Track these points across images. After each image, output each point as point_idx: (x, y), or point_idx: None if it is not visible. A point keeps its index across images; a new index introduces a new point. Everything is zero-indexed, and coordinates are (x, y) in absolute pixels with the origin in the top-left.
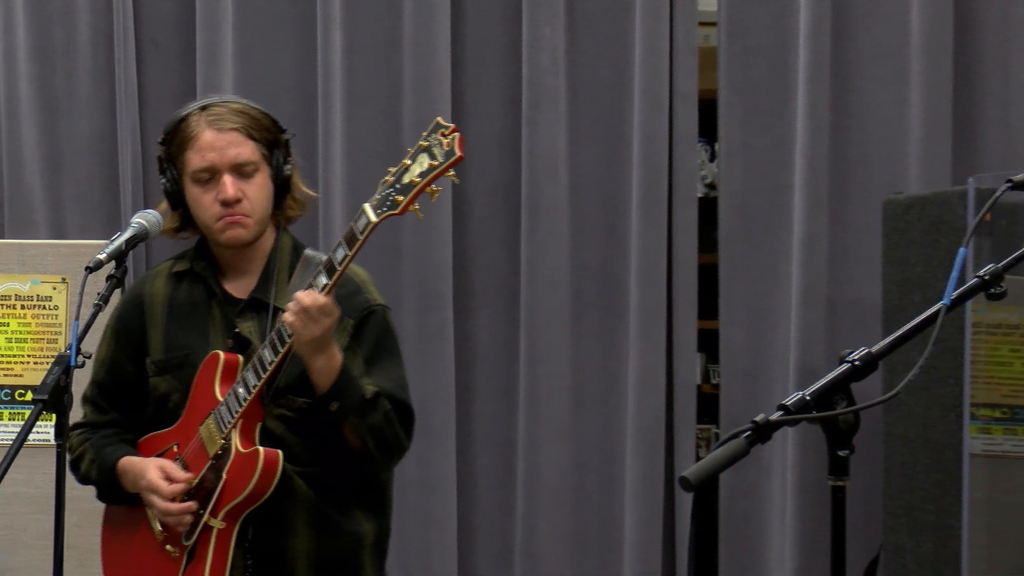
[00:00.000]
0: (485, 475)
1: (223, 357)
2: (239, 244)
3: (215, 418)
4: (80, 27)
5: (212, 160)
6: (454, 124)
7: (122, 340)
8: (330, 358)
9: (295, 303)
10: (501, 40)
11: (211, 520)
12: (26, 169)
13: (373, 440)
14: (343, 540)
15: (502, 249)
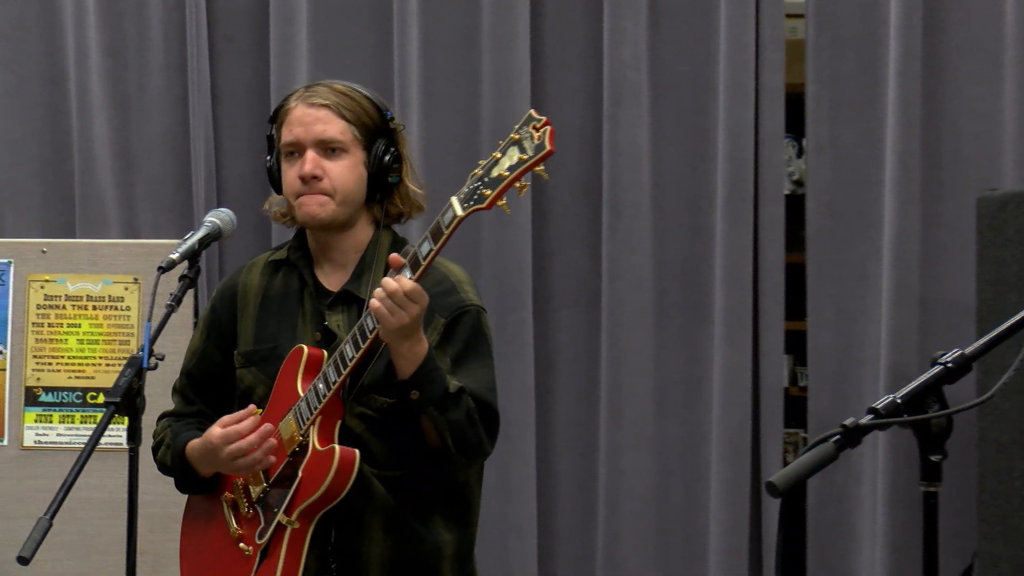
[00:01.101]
0: (566, 480)
1: (307, 351)
2: (315, 224)
3: (295, 414)
4: (152, 23)
5: (298, 134)
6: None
7: (213, 331)
8: (415, 344)
9: (380, 289)
10: (582, 34)
11: (285, 519)
12: (98, 167)
13: (452, 437)
14: (421, 549)
15: (583, 248)
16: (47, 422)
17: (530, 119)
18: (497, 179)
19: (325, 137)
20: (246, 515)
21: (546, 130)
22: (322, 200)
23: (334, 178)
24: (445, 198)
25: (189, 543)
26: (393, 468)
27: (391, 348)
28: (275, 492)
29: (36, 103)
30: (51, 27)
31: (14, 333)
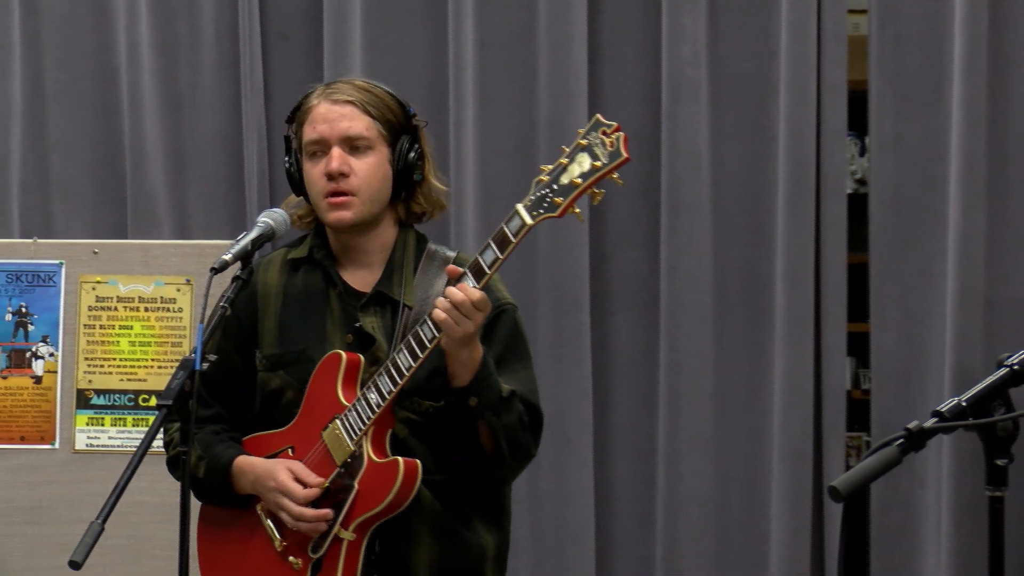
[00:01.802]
0: (624, 486)
1: (345, 357)
2: (343, 226)
3: (343, 424)
4: (205, 21)
5: (322, 132)
6: (616, 123)
7: (230, 331)
8: (473, 350)
9: (444, 300)
10: (640, 31)
11: (341, 531)
12: (149, 167)
13: (507, 442)
14: (467, 552)
15: (641, 249)
16: (98, 425)
17: (598, 124)
18: (569, 186)
19: (351, 134)
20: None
21: (619, 136)
22: (351, 201)
23: (361, 175)
24: (501, 199)
25: (216, 556)
26: (437, 472)
27: (449, 355)
28: (325, 504)
29: (87, 102)
30: (102, 25)
31: (65, 335)
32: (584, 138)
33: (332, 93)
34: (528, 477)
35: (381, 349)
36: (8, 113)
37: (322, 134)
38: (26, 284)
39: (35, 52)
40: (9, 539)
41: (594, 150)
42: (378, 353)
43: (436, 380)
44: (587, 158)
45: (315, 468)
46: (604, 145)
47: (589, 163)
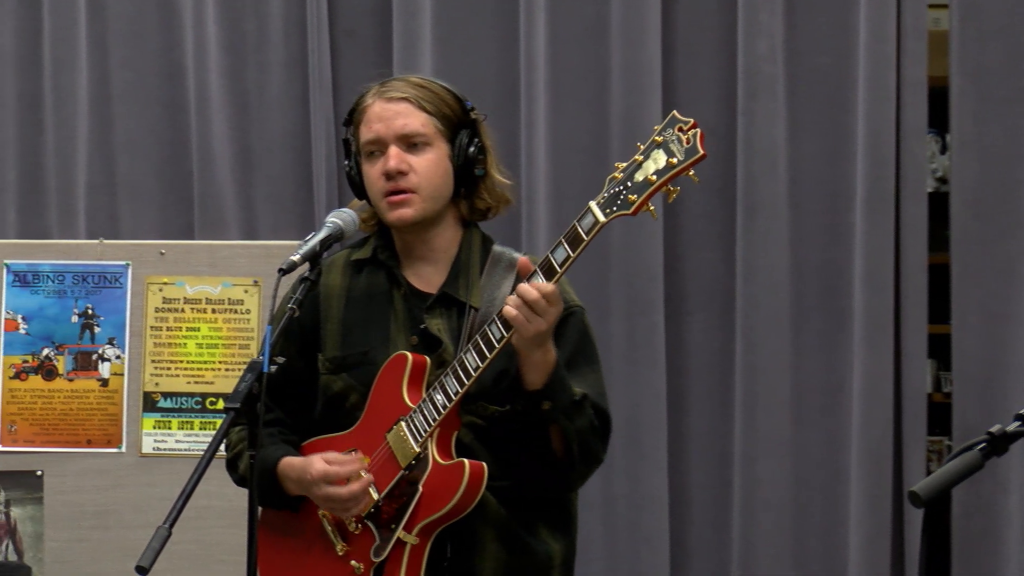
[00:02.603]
0: (699, 491)
1: (411, 359)
2: (404, 224)
3: (408, 426)
4: (272, 18)
5: (379, 131)
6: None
7: (293, 335)
8: (546, 352)
9: (515, 297)
10: (715, 27)
11: (404, 535)
12: (217, 167)
13: (579, 446)
14: (533, 560)
15: (716, 249)
16: (165, 428)
17: (674, 120)
18: (644, 184)
19: (407, 131)
20: (354, 531)
21: (695, 132)
22: (411, 199)
23: (420, 172)
24: (572, 198)
25: (277, 560)
26: (502, 478)
27: (522, 357)
28: (388, 507)
29: (154, 101)
30: (169, 23)
31: (132, 337)
32: (660, 134)
33: (386, 91)
34: (601, 482)
35: (448, 351)
36: (74, 112)
37: (378, 133)
38: (92, 286)
39: (101, 51)
40: (76, 544)
41: (670, 146)
42: (444, 355)
43: (502, 384)
44: (663, 155)
45: (379, 471)
46: (680, 142)
47: (665, 160)
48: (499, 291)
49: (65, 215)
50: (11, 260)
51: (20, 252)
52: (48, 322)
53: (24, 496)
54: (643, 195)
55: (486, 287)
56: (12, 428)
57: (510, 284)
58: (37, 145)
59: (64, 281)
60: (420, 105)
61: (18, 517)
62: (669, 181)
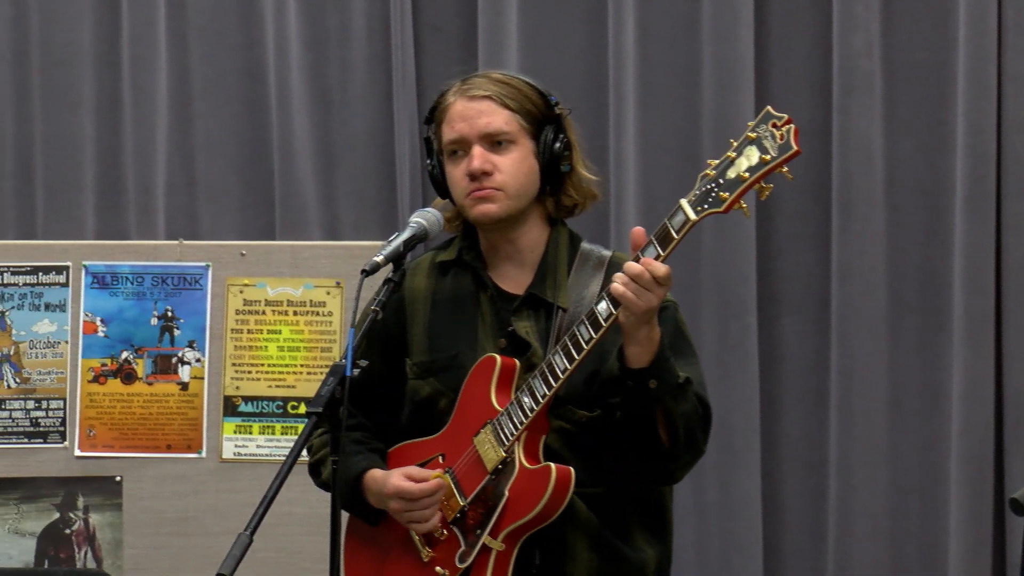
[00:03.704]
0: (793, 497)
1: (500, 361)
2: (489, 221)
3: (494, 429)
4: (355, 14)
5: (461, 130)
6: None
7: (376, 339)
8: (652, 329)
9: (622, 275)
10: (809, 21)
11: (490, 541)
12: (298, 166)
13: (684, 431)
14: (626, 567)
15: (811, 250)
16: (247, 433)
17: (768, 116)
18: (735, 181)
19: (491, 130)
20: (439, 537)
21: (789, 128)
22: (495, 195)
23: (505, 171)
24: (663, 197)
25: (361, 565)
26: (592, 484)
27: (627, 334)
28: (474, 512)
29: (234, 98)
30: (250, 19)
31: (212, 340)
32: (753, 131)
33: (468, 89)
34: (693, 488)
35: (536, 354)
36: (153, 110)
37: (461, 132)
38: (172, 287)
39: (181, 48)
40: (156, 551)
41: (763, 143)
42: (533, 359)
43: (592, 386)
44: (755, 151)
45: (466, 475)
46: (774, 138)
47: (757, 156)
48: (587, 290)
49: (144, 215)
50: (90, 261)
51: (99, 253)
52: (127, 325)
53: (103, 502)
54: (735, 192)
55: (574, 287)
56: (91, 433)
57: (599, 283)
58: (116, 145)
59: (143, 283)
60: (503, 103)
61: (97, 524)
62: (762, 178)
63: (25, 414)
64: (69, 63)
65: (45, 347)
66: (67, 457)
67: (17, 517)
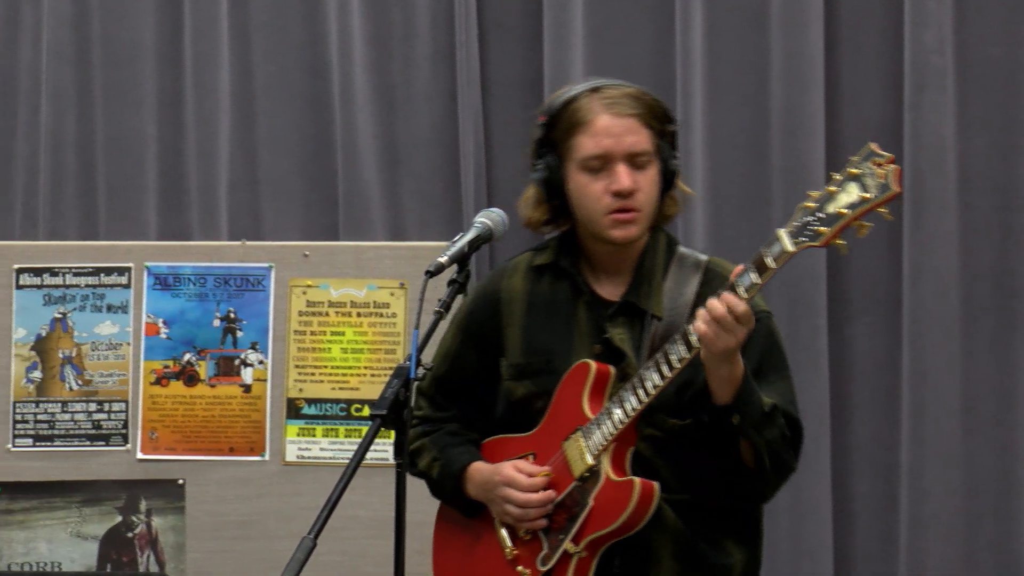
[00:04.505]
0: (864, 502)
1: (594, 368)
2: (628, 242)
3: (584, 436)
4: (419, 10)
5: (608, 147)
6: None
7: (472, 336)
8: (734, 366)
9: (706, 312)
10: (880, 16)
11: (571, 547)
12: (362, 165)
13: (769, 458)
14: (710, 572)
15: (882, 250)
16: (310, 436)
17: (871, 153)
18: (835, 216)
19: (636, 150)
20: (523, 537)
21: (891, 169)
22: (636, 218)
23: (645, 191)
24: (731, 196)
25: (448, 554)
26: (681, 491)
27: (709, 371)
28: (559, 517)
29: (297, 96)
30: (313, 15)
31: (275, 342)
32: (856, 167)
33: (611, 104)
34: None
35: (631, 364)
36: (216, 107)
37: (607, 149)
38: (234, 288)
39: (243, 45)
40: (219, 555)
41: (864, 181)
42: (627, 368)
43: (684, 396)
44: (856, 188)
45: (553, 478)
46: (875, 177)
47: (858, 194)
48: (683, 296)
49: (206, 215)
50: (152, 262)
51: (161, 254)
52: (189, 326)
53: (166, 506)
54: (834, 228)
55: (669, 293)
56: (153, 435)
57: (694, 287)
58: (178, 144)
59: (206, 284)
60: (646, 122)
61: (159, 527)
62: (861, 216)
63: (87, 416)
64: (131, 61)
65: (107, 349)
66: (129, 460)
67: (79, 520)
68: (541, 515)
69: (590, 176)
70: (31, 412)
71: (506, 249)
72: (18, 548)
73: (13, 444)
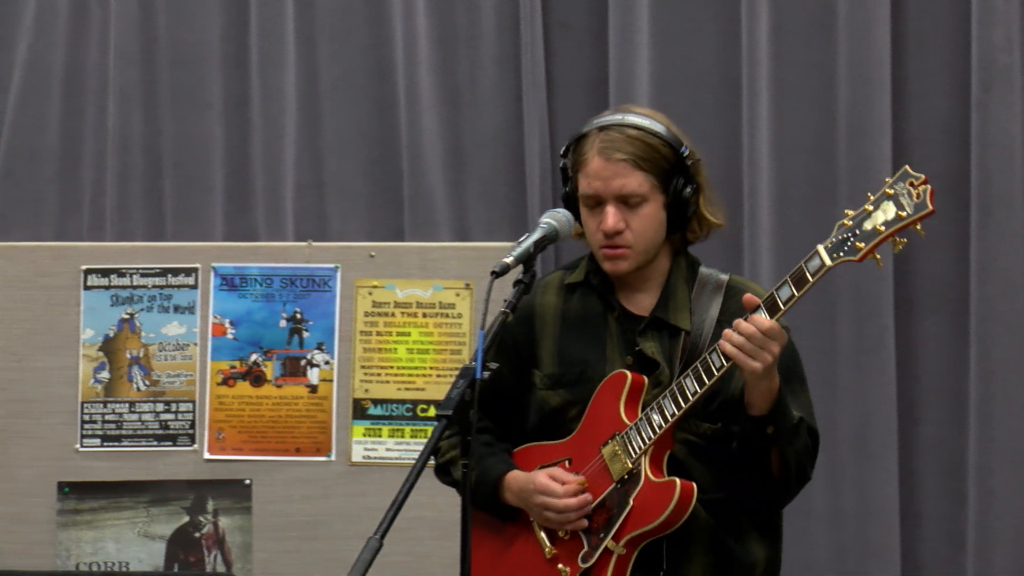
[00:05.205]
0: (931, 503)
1: (630, 377)
2: (618, 275)
3: (622, 442)
4: (484, 11)
5: (597, 188)
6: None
7: (506, 351)
8: (772, 380)
9: (733, 333)
10: (947, 15)
11: (612, 545)
12: (427, 166)
13: (795, 467)
14: (737, 568)
15: (949, 249)
16: (376, 436)
17: (906, 175)
18: (872, 232)
19: (624, 192)
20: (563, 536)
21: (926, 189)
22: (625, 254)
23: (636, 231)
24: (797, 199)
25: (484, 557)
26: (714, 491)
27: (748, 386)
28: (599, 517)
29: (363, 97)
30: (378, 18)
31: (341, 342)
32: (891, 187)
33: (605, 148)
34: (829, 493)
35: (664, 373)
36: (282, 109)
37: (597, 191)
38: (300, 289)
39: (309, 46)
40: (285, 555)
41: (900, 200)
42: (660, 377)
43: (713, 403)
44: (892, 207)
45: (592, 481)
46: (911, 196)
47: (894, 212)
48: (708, 313)
49: (273, 216)
50: (218, 263)
51: (227, 255)
52: (256, 327)
53: (232, 506)
54: (870, 244)
55: (696, 310)
56: (220, 436)
57: (718, 306)
58: (244, 145)
59: (272, 285)
60: (637, 164)
61: (226, 527)
62: (896, 233)
63: (154, 417)
64: (197, 63)
65: (174, 349)
66: (196, 460)
67: (147, 520)
68: (581, 517)
69: (588, 211)
70: (99, 412)
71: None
72: (86, 548)
73: (81, 444)
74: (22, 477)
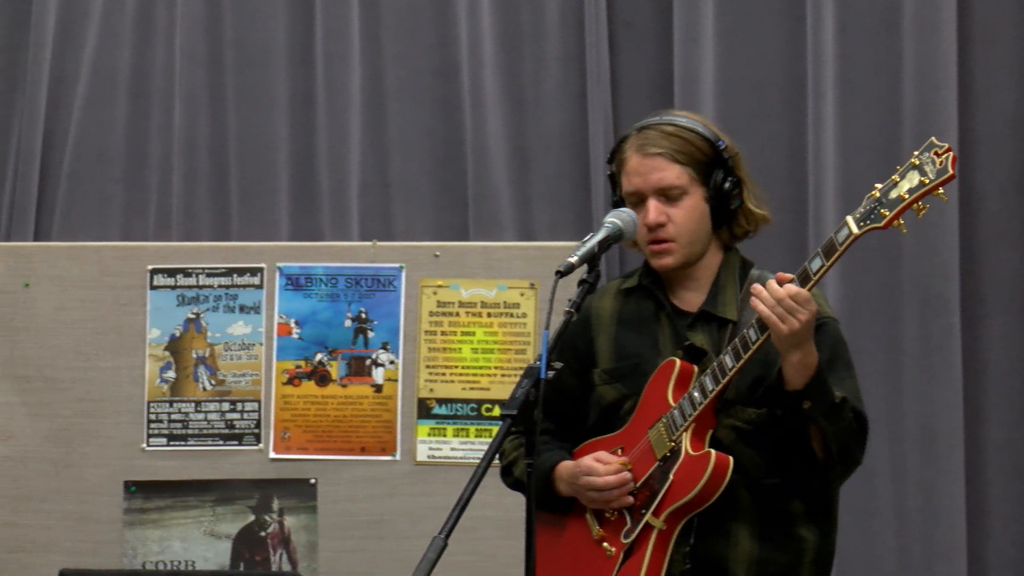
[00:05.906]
0: (999, 504)
1: (679, 364)
2: (666, 270)
3: (666, 422)
4: (549, 10)
5: (637, 185)
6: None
7: (566, 353)
8: (807, 354)
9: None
10: (1014, 13)
11: (653, 520)
12: (492, 165)
13: (837, 447)
14: (785, 553)
15: (1017, 248)
16: (441, 436)
17: (931, 145)
18: (896, 200)
19: (663, 185)
20: (610, 518)
21: (948, 156)
22: (670, 248)
23: (678, 223)
24: (863, 196)
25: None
26: (763, 478)
27: (783, 357)
28: (643, 495)
29: (428, 98)
30: (443, 17)
31: (406, 342)
32: (917, 158)
33: (642, 145)
34: (894, 493)
35: (712, 361)
36: (346, 109)
37: (637, 187)
38: (366, 289)
39: (374, 47)
40: (350, 554)
41: (924, 168)
42: (708, 364)
43: (757, 390)
44: (916, 175)
45: (637, 462)
46: (934, 163)
47: (918, 179)
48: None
49: (338, 216)
50: (284, 263)
51: (293, 255)
52: (321, 327)
53: (298, 505)
54: (894, 210)
55: (744, 305)
56: (285, 435)
57: None
58: (309, 145)
59: (337, 284)
60: (674, 158)
61: (292, 526)
62: (920, 199)
63: (220, 416)
64: (263, 63)
65: (240, 349)
66: (262, 459)
67: (213, 519)
68: (623, 494)
69: (634, 210)
70: (165, 412)
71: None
72: (152, 547)
73: (147, 444)
74: (89, 476)
